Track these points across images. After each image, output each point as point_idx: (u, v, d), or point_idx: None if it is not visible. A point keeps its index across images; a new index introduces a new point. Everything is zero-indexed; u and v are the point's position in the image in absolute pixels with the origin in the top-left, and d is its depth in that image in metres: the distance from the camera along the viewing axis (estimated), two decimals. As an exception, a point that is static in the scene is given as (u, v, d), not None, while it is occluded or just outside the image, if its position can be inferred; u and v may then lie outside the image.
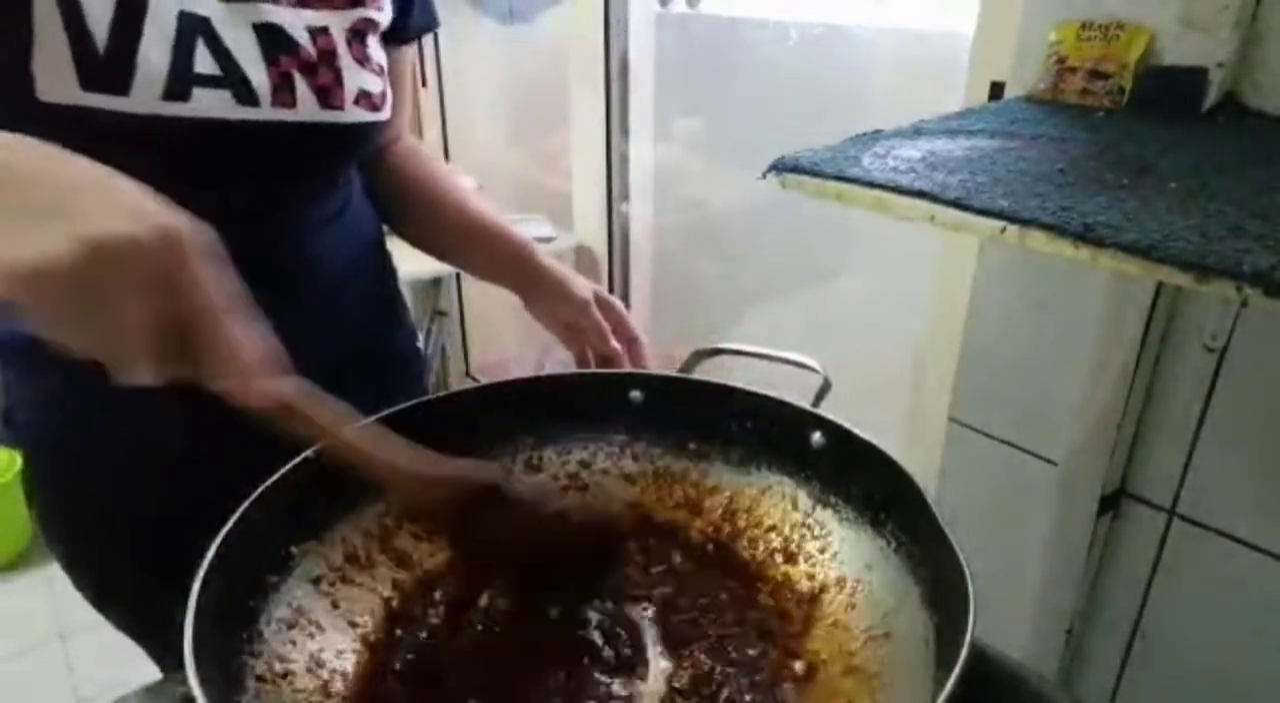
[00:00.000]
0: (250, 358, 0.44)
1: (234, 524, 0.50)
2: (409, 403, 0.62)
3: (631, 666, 0.54)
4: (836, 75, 1.48)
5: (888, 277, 1.51)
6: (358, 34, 0.69)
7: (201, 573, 0.46)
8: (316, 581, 0.56)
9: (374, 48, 0.71)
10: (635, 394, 0.67)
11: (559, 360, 2.27)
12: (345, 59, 0.67)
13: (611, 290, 1.99)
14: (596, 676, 0.53)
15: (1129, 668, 0.96)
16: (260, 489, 0.53)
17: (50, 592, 2.06)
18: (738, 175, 1.67)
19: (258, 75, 0.63)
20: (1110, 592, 0.95)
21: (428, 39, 2.25)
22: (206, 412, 0.46)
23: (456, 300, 2.56)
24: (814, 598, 0.58)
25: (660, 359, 0.83)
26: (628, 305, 2.05)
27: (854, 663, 0.52)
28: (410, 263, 1.08)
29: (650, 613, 0.58)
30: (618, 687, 0.52)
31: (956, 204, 0.53)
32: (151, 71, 0.58)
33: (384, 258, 0.86)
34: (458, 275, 2.46)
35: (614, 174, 1.88)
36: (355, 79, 0.68)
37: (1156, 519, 0.89)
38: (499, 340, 2.58)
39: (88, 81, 0.57)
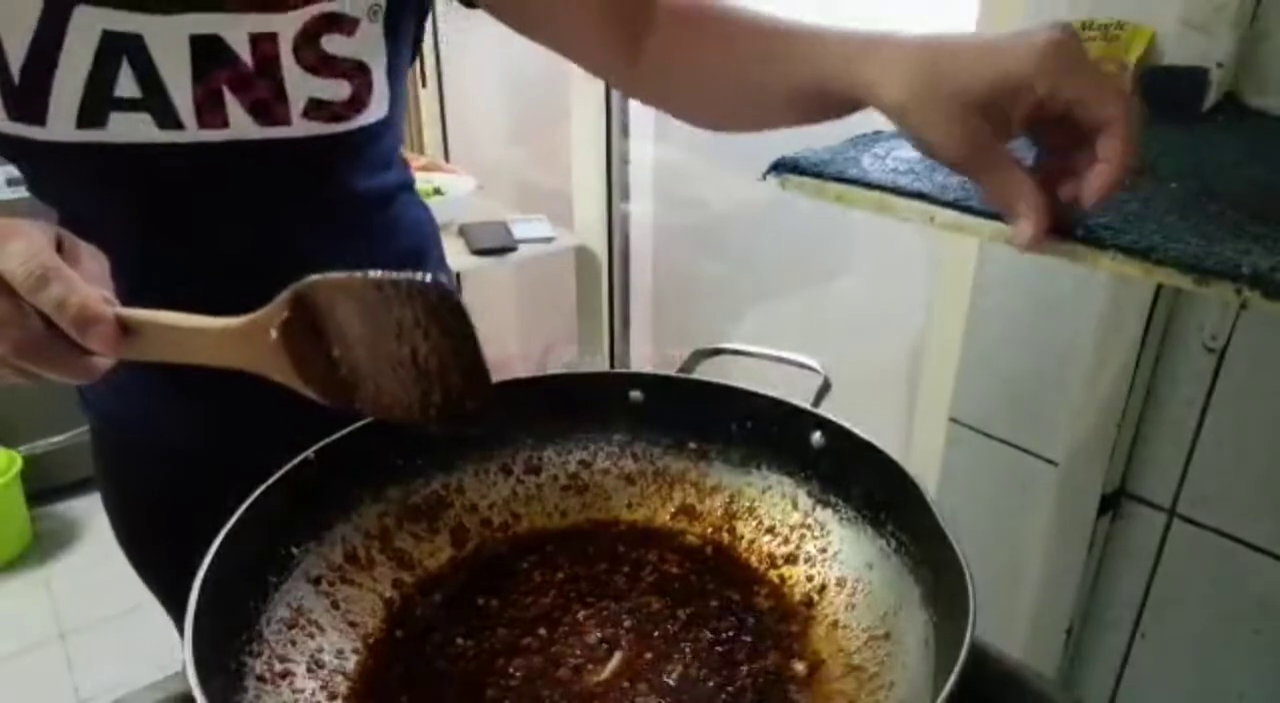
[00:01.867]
0: (77, 308, 0.45)
1: (234, 524, 0.50)
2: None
3: (631, 666, 0.54)
4: (837, 75, 1.48)
5: (888, 277, 1.51)
6: (310, 36, 0.60)
7: (201, 573, 0.46)
8: (316, 581, 0.56)
9: (341, 45, 0.62)
10: (635, 394, 0.67)
11: (559, 360, 2.27)
12: (290, 68, 0.60)
13: (612, 290, 1.99)
14: (596, 677, 0.53)
15: (1129, 668, 0.96)
16: (260, 489, 0.53)
17: (50, 592, 2.06)
18: (738, 175, 1.67)
19: (181, 95, 0.59)
20: (1110, 592, 0.95)
21: (427, 39, 2.25)
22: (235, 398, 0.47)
23: (456, 300, 2.56)
24: (814, 598, 0.58)
25: (660, 359, 0.83)
26: (627, 305, 2.06)
27: (854, 663, 0.53)
28: (410, 263, 1.05)
29: (650, 614, 0.58)
30: (617, 688, 0.52)
31: (956, 205, 0.53)
32: (64, 100, 0.57)
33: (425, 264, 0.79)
34: (458, 275, 2.46)
35: (614, 174, 1.88)
36: (304, 89, 0.61)
37: (1156, 519, 0.89)
38: (499, 340, 2.58)
39: (10, 112, 0.58)
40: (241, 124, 0.60)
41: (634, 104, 1.82)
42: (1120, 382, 0.84)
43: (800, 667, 0.54)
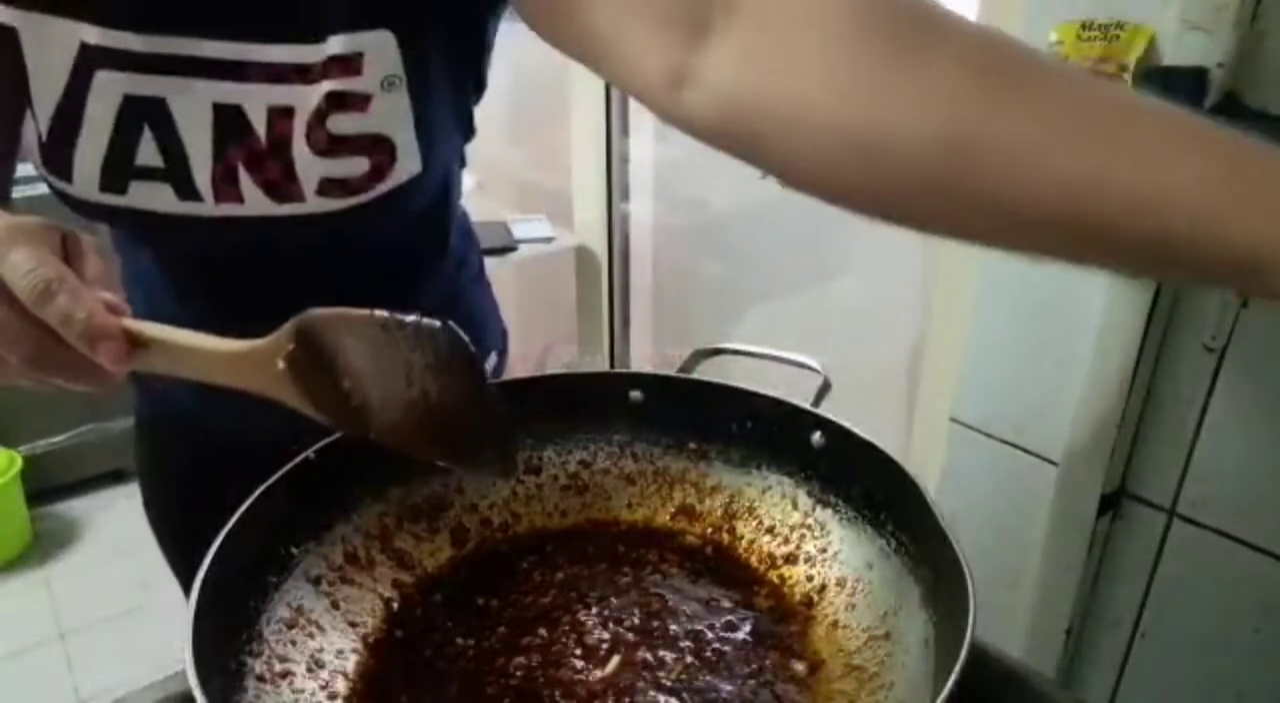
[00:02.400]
0: (85, 320, 0.44)
1: (234, 524, 0.50)
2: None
3: (631, 666, 0.54)
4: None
5: (888, 277, 1.51)
6: (320, 117, 0.57)
7: (202, 573, 0.47)
8: (316, 581, 0.56)
9: (354, 123, 0.58)
10: (635, 394, 0.67)
11: (559, 360, 2.27)
12: (300, 149, 0.58)
13: (612, 290, 1.99)
14: (596, 677, 0.53)
15: (1129, 668, 0.96)
16: (260, 489, 0.53)
17: (50, 592, 2.06)
18: (738, 175, 1.67)
19: (201, 168, 0.58)
20: (1110, 592, 0.95)
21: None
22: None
23: (456, 300, 2.56)
24: (814, 598, 0.58)
25: (660, 359, 0.83)
26: (627, 305, 2.06)
27: (854, 663, 0.53)
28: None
29: (650, 614, 0.58)
30: (616, 688, 0.52)
31: (956, 204, 0.53)
32: (87, 163, 0.57)
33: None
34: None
35: (614, 174, 1.88)
36: (315, 169, 0.58)
37: (1156, 519, 0.89)
38: (499, 340, 2.58)
39: (45, 164, 0.58)
40: (257, 201, 0.59)
41: (634, 104, 1.82)
42: (1120, 382, 0.84)
43: (800, 667, 0.54)
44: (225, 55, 0.56)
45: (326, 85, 0.56)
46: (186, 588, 0.81)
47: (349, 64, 0.56)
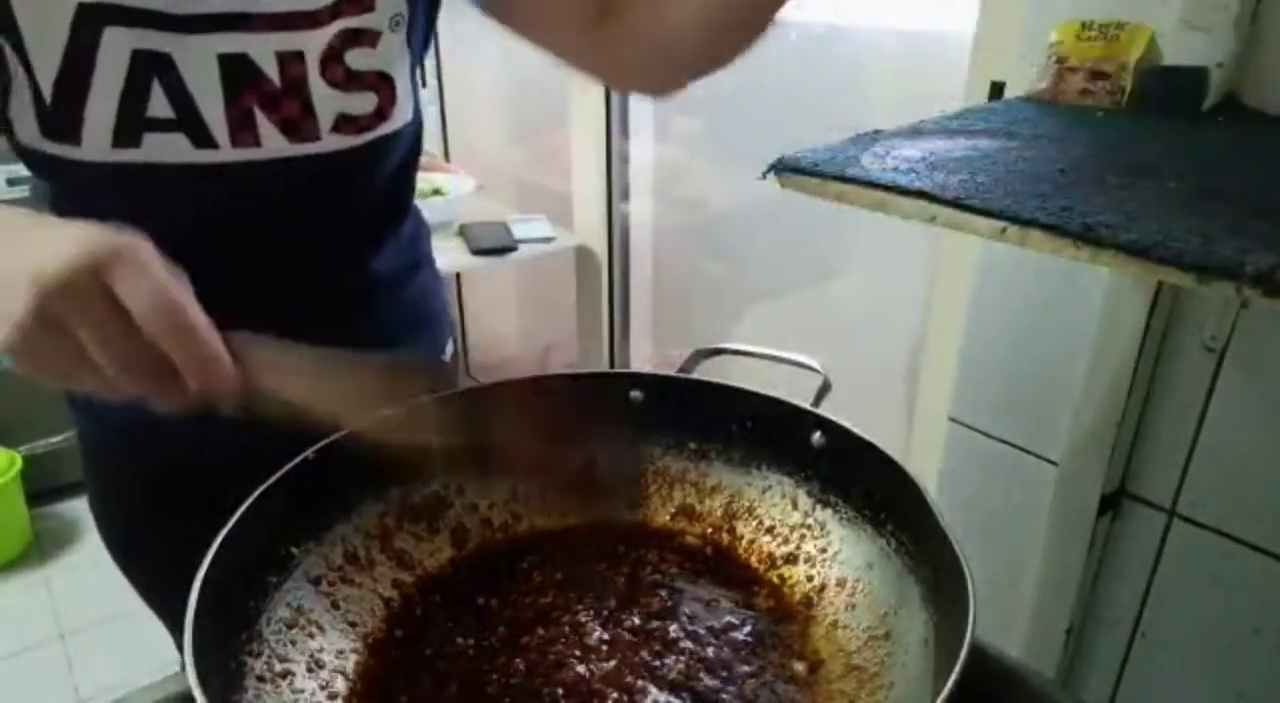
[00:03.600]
0: (209, 352, 0.44)
1: (234, 524, 0.50)
2: (408, 403, 0.62)
3: (631, 666, 0.54)
4: (836, 75, 1.48)
5: (888, 277, 1.51)
6: (336, 53, 0.61)
7: (202, 573, 0.46)
8: (316, 581, 0.56)
9: (364, 59, 0.63)
10: (635, 394, 0.67)
11: (559, 360, 2.27)
12: (317, 86, 0.61)
13: (612, 290, 1.99)
14: (596, 676, 0.53)
15: (1129, 668, 0.96)
16: (260, 489, 0.53)
17: (50, 592, 2.06)
18: (738, 175, 1.67)
19: (214, 115, 0.59)
20: (1110, 592, 0.95)
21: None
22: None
23: (457, 300, 2.56)
24: (814, 598, 0.58)
25: (660, 359, 0.83)
26: (627, 306, 2.06)
27: (854, 663, 0.53)
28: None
29: (650, 614, 0.58)
30: (616, 688, 0.52)
31: (956, 204, 0.53)
32: (99, 121, 0.57)
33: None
34: (458, 275, 2.46)
35: (614, 174, 1.88)
36: (332, 105, 0.62)
37: (1156, 519, 0.89)
38: (499, 340, 2.58)
39: (46, 131, 0.58)
40: (274, 142, 0.61)
41: (634, 104, 1.82)
42: (1120, 382, 0.84)
43: (800, 667, 0.54)
44: (231, 8, 0.57)
45: (339, 24, 0.60)
46: (153, 605, 0.81)
47: (363, 2, 0.61)
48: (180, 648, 0.85)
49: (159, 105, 0.58)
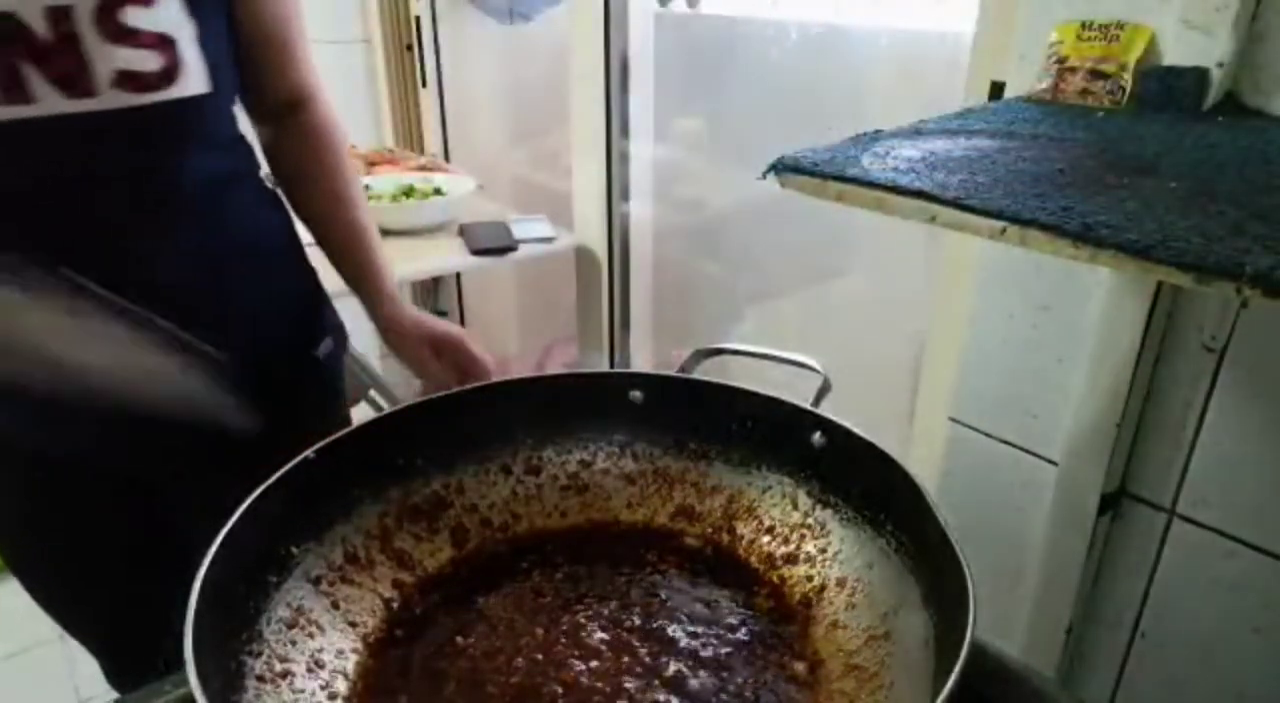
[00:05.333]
0: None
1: (234, 524, 0.50)
2: (409, 403, 0.62)
3: (630, 666, 0.54)
4: (836, 75, 1.48)
5: (888, 277, 1.51)
6: (108, 9, 0.62)
7: (202, 573, 0.46)
8: (316, 581, 0.56)
9: (142, 16, 0.63)
10: (635, 394, 0.67)
11: (559, 360, 2.27)
12: (91, 39, 0.61)
13: (612, 290, 1.99)
14: (595, 676, 0.53)
15: (1129, 668, 0.96)
16: (260, 489, 0.53)
17: (50, 592, 2.05)
18: (738, 175, 1.67)
19: None
20: (1110, 592, 0.95)
21: (427, 39, 2.25)
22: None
23: (457, 300, 2.56)
24: (814, 598, 0.58)
25: (660, 359, 0.83)
26: (627, 305, 2.06)
27: (854, 663, 0.53)
28: (411, 263, 1.05)
29: (650, 614, 0.58)
30: (616, 688, 0.52)
31: (956, 204, 0.53)
32: None
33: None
34: (458, 275, 2.46)
35: (614, 174, 1.88)
36: (109, 60, 0.62)
37: (1156, 519, 0.89)
38: (499, 340, 2.58)
39: None
40: (49, 98, 0.61)
41: (633, 104, 1.82)
42: (1120, 382, 0.84)
43: (800, 667, 0.54)
44: None
45: None
46: (58, 618, 0.81)
47: None
48: (104, 671, 0.86)
49: None
